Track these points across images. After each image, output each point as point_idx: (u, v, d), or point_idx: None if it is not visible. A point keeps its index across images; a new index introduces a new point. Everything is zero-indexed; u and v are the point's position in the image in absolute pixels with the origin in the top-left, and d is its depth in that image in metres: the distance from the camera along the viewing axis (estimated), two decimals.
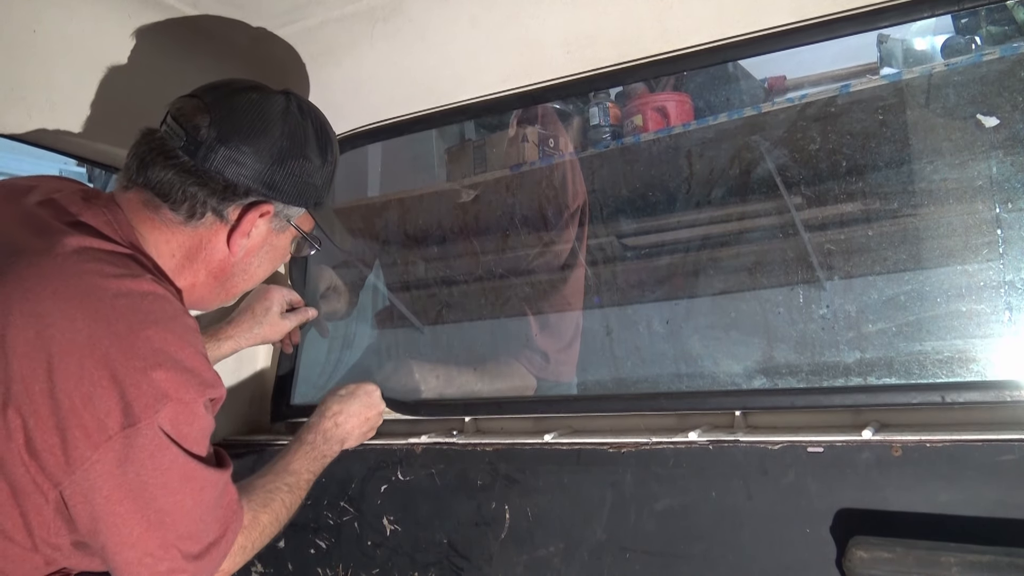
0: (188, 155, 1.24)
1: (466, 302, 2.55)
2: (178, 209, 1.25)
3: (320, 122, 1.37)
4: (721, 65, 2.19)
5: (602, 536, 1.44)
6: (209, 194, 1.25)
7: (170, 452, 1.10)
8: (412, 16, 1.59)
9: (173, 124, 1.26)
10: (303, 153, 1.31)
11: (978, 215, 1.96)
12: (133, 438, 1.06)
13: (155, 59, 1.61)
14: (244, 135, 1.25)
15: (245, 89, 1.31)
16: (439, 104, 1.73)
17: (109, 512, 1.08)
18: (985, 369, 1.82)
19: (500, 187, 2.54)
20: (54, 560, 1.16)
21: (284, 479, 1.40)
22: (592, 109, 2.58)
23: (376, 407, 1.60)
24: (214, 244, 1.29)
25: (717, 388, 2.22)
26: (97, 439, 1.05)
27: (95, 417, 1.05)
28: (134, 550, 1.10)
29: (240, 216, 1.28)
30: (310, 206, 1.37)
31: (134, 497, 1.08)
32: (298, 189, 1.32)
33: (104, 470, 1.06)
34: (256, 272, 1.38)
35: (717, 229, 2.34)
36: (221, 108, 1.26)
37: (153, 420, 1.07)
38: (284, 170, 1.29)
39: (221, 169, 1.24)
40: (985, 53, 1.91)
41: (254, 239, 1.32)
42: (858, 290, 2.12)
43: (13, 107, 1.47)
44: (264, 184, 1.27)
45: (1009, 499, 1.15)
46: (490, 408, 1.76)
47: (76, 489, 1.07)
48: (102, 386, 1.05)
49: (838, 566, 1.22)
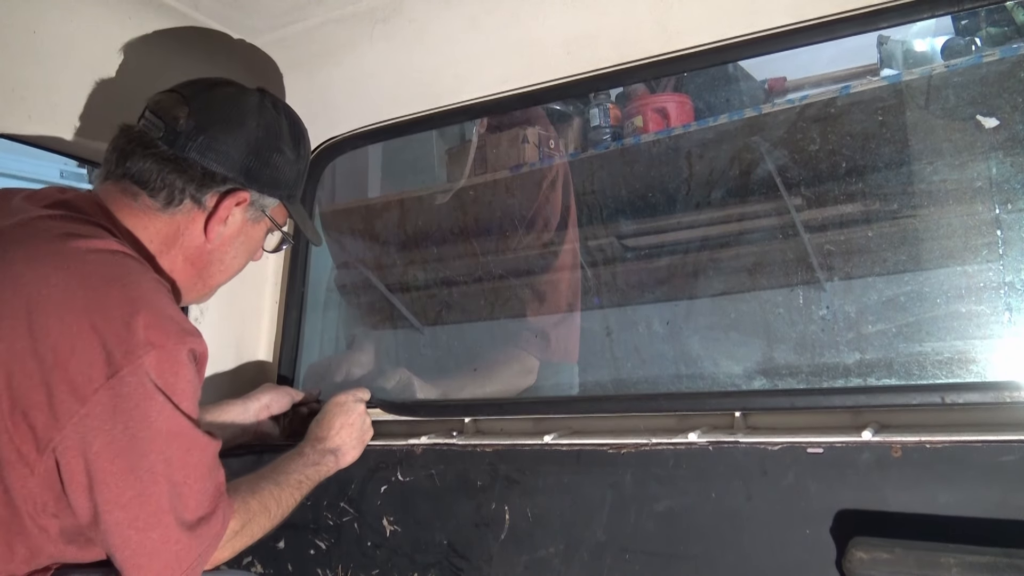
0: (167, 144, 1.28)
1: (454, 302, 2.55)
2: (156, 196, 1.29)
3: (293, 118, 1.44)
4: (721, 66, 2.19)
5: (602, 537, 1.44)
6: (187, 181, 1.30)
7: (156, 401, 1.10)
8: (412, 16, 1.59)
9: (151, 116, 1.31)
10: (277, 145, 1.37)
11: (978, 216, 1.96)
12: (118, 387, 1.07)
13: (155, 59, 1.61)
14: (222, 125, 1.31)
15: (221, 84, 1.37)
16: (439, 104, 1.73)
17: (100, 469, 1.08)
18: (985, 370, 1.81)
19: (483, 189, 2.54)
20: (39, 549, 1.15)
21: (271, 476, 1.42)
22: (592, 110, 2.57)
23: (351, 412, 1.62)
24: (191, 231, 1.33)
25: (717, 389, 2.22)
26: (84, 392, 1.06)
27: (80, 369, 1.06)
28: (125, 512, 1.10)
29: (217, 203, 1.33)
30: (284, 198, 1.42)
31: (125, 454, 1.08)
32: (273, 179, 1.37)
33: (94, 424, 1.07)
34: (232, 263, 1.42)
35: (717, 230, 2.34)
36: (199, 100, 1.32)
37: (137, 366, 1.08)
38: (260, 160, 1.34)
39: (199, 157, 1.29)
40: (985, 54, 1.91)
41: (230, 227, 1.36)
42: (858, 291, 2.12)
43: (13, 107, 1.48)
44: (241, 172, 1.33)
45: (1009, 500, 1.15)
46: (490, 409, 1.76)
47: (68, 445, 1.07)
48: (83, 338, 1.07)
49: (838, 567, 1.22)
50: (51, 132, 1.54)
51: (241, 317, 1.93)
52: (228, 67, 1.72)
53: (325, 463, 1.54)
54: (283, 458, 1.49)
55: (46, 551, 1.16)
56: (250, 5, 1.58)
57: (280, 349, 1.96)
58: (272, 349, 1.99)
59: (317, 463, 1.52)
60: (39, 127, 1.52)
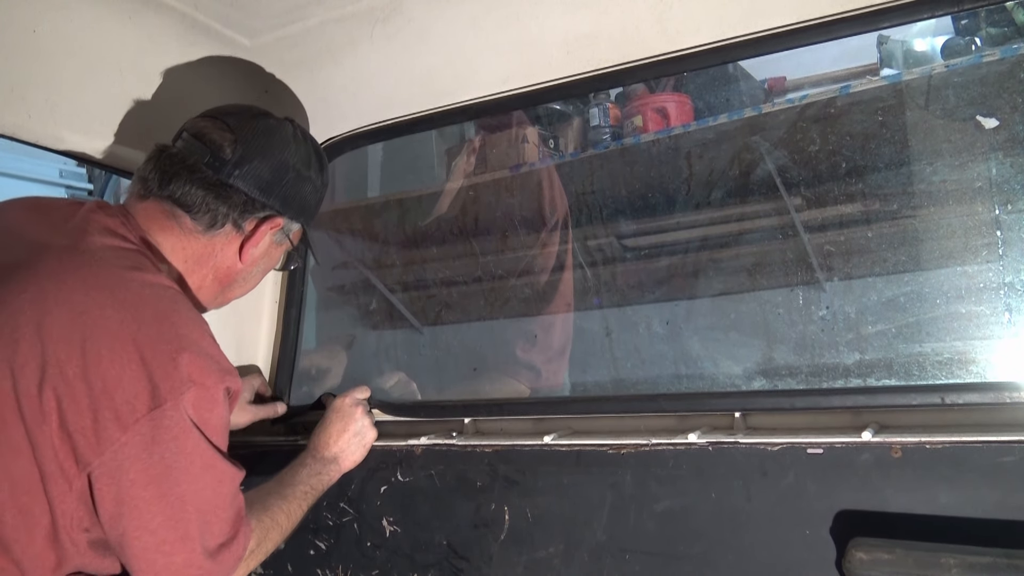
0: (212, 170, 1.35)
1: (453, 317, 2.56)
2: (199, 219, 1.36)
3: (316, 147, 1.52)
4: (721, 66, 2.19)
5: (602, 537, 1.44)
6: (231, 207, 1.37)
7: (193, 436, 1.16)
8: (412, 16, 1.59)
9: (194, 142, 1.37)
10: (307, 175, 1.45)
11: (978, 216, 1.96)
12: (159, 419, 1.13)
13: (155, 59, 1.61)
14: (263, 155, 1.38)
15: (261, 115, 1.44)
16: (439, 104, 1.73)
17: (133, 496, 1.13)
18: (985, 370, 1.82)
19: (471, 198, 2.54)
20: (67, 558, 1.20)
21: (277, 491, 1.47)
22: (592, 110, 2.57)
23: (348, 417, 1.64)
24: (226, 252, 1.40)
25: (717, 389, 2.22)
26: (127, 421, 1.11)
27: (125, 399, 1.11)
28: (153, 536, 1.15)
29: (255, 228, 1.40)
30: (307, 222, 1.50)
31: (159, 482, 1.14)
32: (302, 206, 1.46)
33: (132, 453, 1.12)
34: (253, 280, 1.50)
35: (717, 230, 2.34)
36: (244, 130, 1.38)
37: (178, 402, 1.14)
38: (293, 188, 1.42)
39: (244, 185, 1.36)
40: (985, 54, 1.91)
41: (260, 249, 1.44)
42: (858, 291, 2.12)
43: (13, 107, 1.48)
44: (278, 200, 1.40)
45: (1009, 500, 1.15)
46: (490, 409, 1.76)
47: (104, 471, 1.12)
48: (131, 368, 1.13)
49: (838, 567, 1.22)
50: (51, 131, 1.54)
51: (240, 317, 1.93)
52: (228, 67, 1.72)
53: (328, 471, 1.57)
54: (287, 470, 1.54)
55: (72, 561, 1.21)
56: (250, 5, 1.57)
57: (280, 349, 1.96)
58: (271, 352, 1.99)
59: (320, 472, 1.56)
60: (39, 126, 1.52)
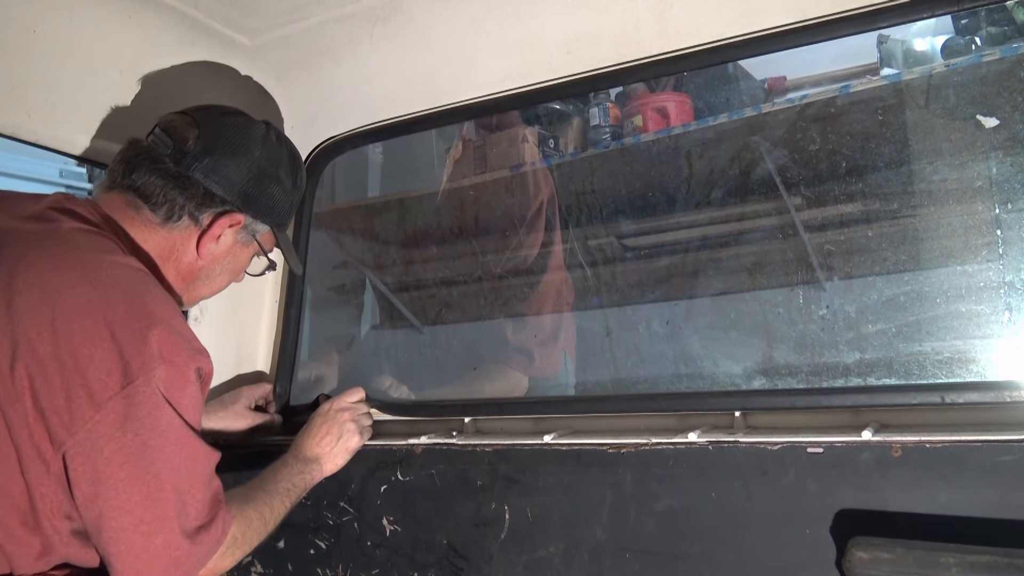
0: (174, 162, 1.35)
1: (442, 307, 2.55)
2: (157, 210, 1.36)
3: (293, 152, 1.51)
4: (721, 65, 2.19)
5: (602, 536, 1.44)
6: (188, 199, 1.36)
7: (166, 413, 1.16)
8: (412, 16, 1.59)
9: (161, 134, 1.37)
10: (276, 175, 1.45)
11: (978, 216, 1.96)
12: (132, 396, 1.12)
13: (155, 59, 1.61)
14: (227, 151, 1.38)
15: (232, 113, 1.44)
16: (439, 104, 1.73)
17: (109, 475, 1.12)
18: (985, 370, 1.82)
19: (464, 192, 2.54)
20: (51, 547, 1.19)
21: (260, 486, 1.46)
22: (592, 109, 2.57)
23: (331, 422, 1.63)
24: (186, 246, 1.40)
25: (717, 389, 2.22)
26: (100, 398, 1.11)
27: (97, 376, 1.11)
28: (131, 516, 1.14)
29: (212, 221, 1.39)
30: (275, 225, 1.49)
31: (134, 460, 1.13)
32: (268, 207, 1.45)
33: (105, 431, 1.12)
34: (217, 280, 1.49)
35: (717, 230, 2.34)
36: (209, 125, 1.38)
37: (150, 378, 1.14)
38: (258, 187, 1.42)
39: (202, 178, 1.36)
40: (985, 54, 1.90)
41: (221, 246, 1.43)
42: (858, 291, 2.12)
43: (13, 107, 1.48)
44: (239, 196, 1.40)
45: (1009, 500, 1.15)
46: (490, 409, 1.76)
47: (79, 450, 1.12)
48: (103, 346, 1.13)
49: (838, 567, 1.22)
50: (50, 131, 1.54)
51: (240, 318, 1.93)
52: (228, 67, 1.72)
53: (309, 471, 1.56)
54: (270, 468, 1.53)
55: (58, 551, 1.20)
56: (250, 5, 1.57)
57: (280, 350, 1.96)
58: (271, 352, 1.99)
59: (302, 471, 1.55)
60: (38, 126, 1.52)
